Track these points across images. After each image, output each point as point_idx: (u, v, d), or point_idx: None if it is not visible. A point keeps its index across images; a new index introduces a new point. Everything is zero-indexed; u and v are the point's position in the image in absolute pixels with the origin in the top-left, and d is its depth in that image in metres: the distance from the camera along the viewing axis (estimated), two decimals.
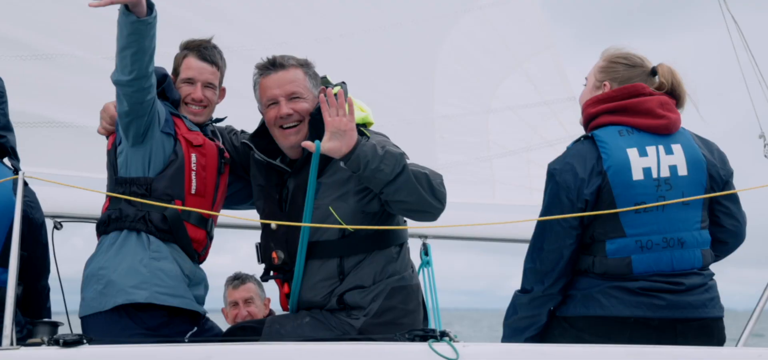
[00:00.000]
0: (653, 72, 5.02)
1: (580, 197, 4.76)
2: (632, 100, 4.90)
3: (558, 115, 7.98)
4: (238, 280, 7.38)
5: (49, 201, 5.98)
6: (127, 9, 4.70)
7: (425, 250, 6.86)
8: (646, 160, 4.78)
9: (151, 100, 4.96)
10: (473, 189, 7.85)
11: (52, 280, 5.54)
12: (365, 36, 7.86)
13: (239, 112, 5.63)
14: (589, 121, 5.01)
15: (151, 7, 4.76)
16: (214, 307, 7.14)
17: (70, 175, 6.61)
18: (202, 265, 5.31)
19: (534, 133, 7.99)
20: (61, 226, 6.12)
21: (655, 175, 4.76)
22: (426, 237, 6.98)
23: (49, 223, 5.95)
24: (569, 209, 4.77)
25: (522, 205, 7.67)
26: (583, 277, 4.83)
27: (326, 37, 7.66)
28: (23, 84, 6.81)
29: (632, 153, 4.78)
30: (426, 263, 6.77)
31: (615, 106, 4.92)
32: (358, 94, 5.41)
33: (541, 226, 4.86)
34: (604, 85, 5.01)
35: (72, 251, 5.78)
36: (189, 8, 7.07)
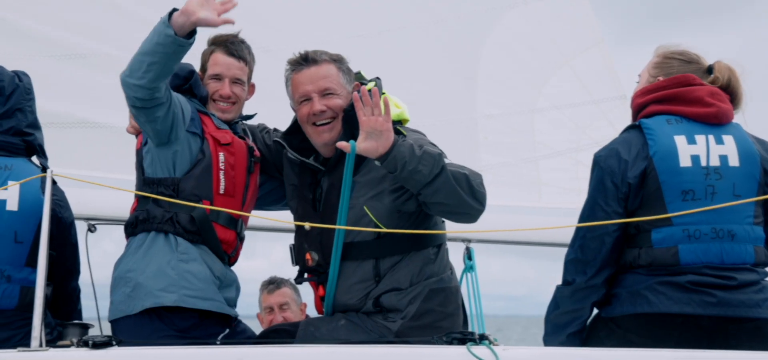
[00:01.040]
0: (709, 70, 4.99)
1: (624, 181, 4.74)
2: (681, 89, 4.88)
3: (607, 115, 7.91)
4: (273, 284, 7.38)
5: (82, 203, 6.04)
6: (169, 20, 4.71)
7: (469, 255, 6.83)
8: (695, 148, 4.74)
9: (156, 106, 4.91)
10: (518, 191, 7.82)
11: (86, 285, 5.59)
12: (405, 33, 7.85)
13: (274, 112, 5.64)
14: (638, 112, 5.00)
15: (193, 32, 4.76)
16: (249, 313, 7.17)
17: (103, 176, 6.67)
18: (233, 268, 5.31)
19: (582, 134, 7.93)
20: (95, 228, 6.11)
21: (703, 163, 4.72)
22: (470, 241, 6.95)
23: (82, 226, 6.02)
24: (613, 194, 4.75)
25: (569, 208, 7.62)
26: (629, 274, 4.79)
27: (364, 34, 7.66)
28: (56, 84, 6.92)
29: (680, 140, 4.75)
30: (470, 268, 6.73)
31: (663, 94, 4.90)
32: (398, 93, 5.40)
33: (584, 214, 4.85)
34: (658, 80, 5.00)
35: (102, 256, 5.82)
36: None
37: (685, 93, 4.88)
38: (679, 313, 4.61)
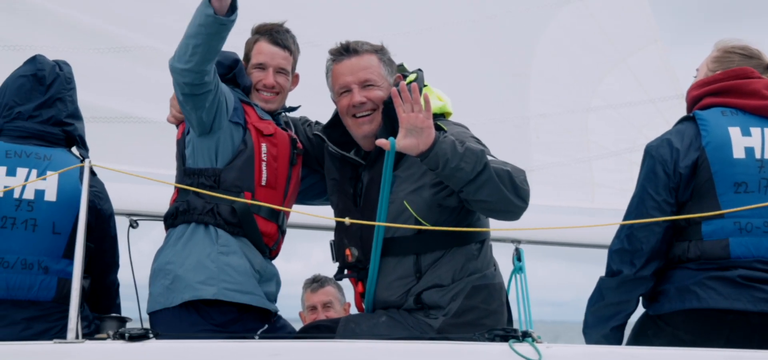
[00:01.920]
0: None
1: (676, 170, 4.71)
2: (737, 82, 4.86)
3: (664, 114, 7.82)
4: (316, 283, 7.33)
5: (124, 198, 6.08)
6: (209, 0, 4.73)
7: (518, 256, 6.79)
8: (750, 140, 4.71)
9: (205, 93, 4.95)
10: (571, 192, 7.77)
11: (127, 285, 5.63)
12: (456, 29, 7.84)
13: (321, 107, 5.64)
14: (692, 105, 4.98)
15: (234, 8, 4.78)
16: (290, 316, 7.15)
17: (147, 171, 6.71)
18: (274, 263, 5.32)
19: (638, 134, 7.85)
20: (137, 224, 6.14)
21: (758, 155, 4.69)
22: (519, 241, 6.91)
23: (124, 222, 6.07)
24: (665, 183, 4.73)
25: (624, 210, 7.55)
26: (678, 269, 4.75)
27: (414, 31, 7.65)
28: (100, 77, 6.96)
29: (734, 131, 4.73)
30: (519, 269, 6.68)
31: (719, 87, 4.89)
32: (449, 91, 5.38)
33: (632, 205, 4.83)
34: (715, 74, 4.98)
35: (139, 256, 5.84)
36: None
37: (742, 85, 4.86)
38: (729, 309, 4.57)
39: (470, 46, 7.93)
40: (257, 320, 5.11)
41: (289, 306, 7.47)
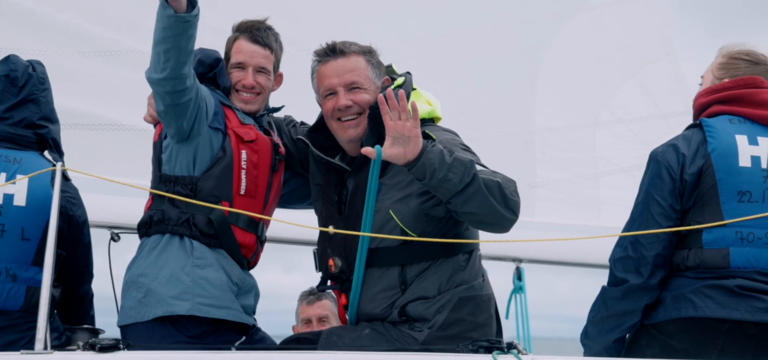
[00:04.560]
0: None
1: (683, 176, 4.74)
2: (746, 90, 4.92)
3: (675, 130, 7.69)
4: (313, 295, 7.23)
5: (106, 209, 6.10)
6: (166, 1, 4.71)
7: (519, 275, 6.80)
8: (756, 149, 4.77)
9: (187, 101, 4.94)
10: (576, 210, 7.75)
11: (107, 299, 5.60)
12: (460, 37, 7.84)
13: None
14: (699, 113, 5.01)
15: (193, 3, 4.74)
16: (285, 332, 7.10)
17: (132, 182, 6.70)
18: (253, 272, 5.31)
19: (647, 149, 7.79)
20: (119, 237, 6.14)
21: (764, 165, 4.75)
22: (520, 260, 6.91)
23: (105, 234, 6.07)
24: (670, 188, 4.76)
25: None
26: (675, 277, 4.78)
27: (417, 39, 7.66)
28: (85, 82, 6.97)
29: (741, 140, 4.78)
30: (519, 289, 6.71)
31: (727, 95, 4.94)
32: (451, 102, 5.38)
33: (636, 212, 4.86)
34: (724, 81, 5.00)
35: (121, 271, 5.81)
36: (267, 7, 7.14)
37: (751, 94, 4.92)
38: (726, 318, 4.59)
39: (476, 56, 7.93)
40: (234, 332, 5.08)
41: (286, 323, 7.43)
